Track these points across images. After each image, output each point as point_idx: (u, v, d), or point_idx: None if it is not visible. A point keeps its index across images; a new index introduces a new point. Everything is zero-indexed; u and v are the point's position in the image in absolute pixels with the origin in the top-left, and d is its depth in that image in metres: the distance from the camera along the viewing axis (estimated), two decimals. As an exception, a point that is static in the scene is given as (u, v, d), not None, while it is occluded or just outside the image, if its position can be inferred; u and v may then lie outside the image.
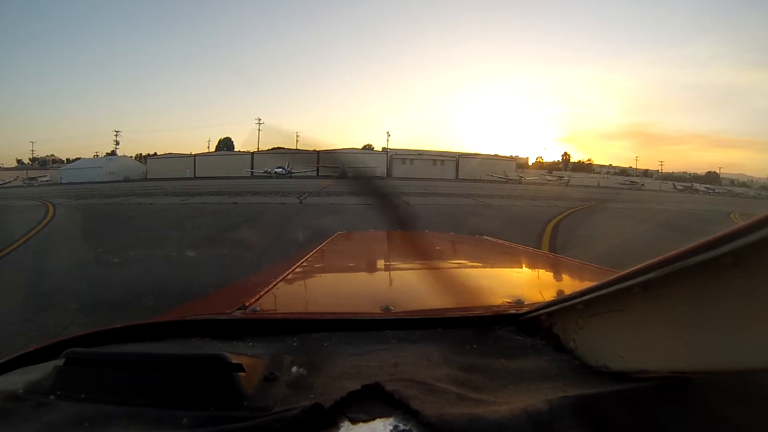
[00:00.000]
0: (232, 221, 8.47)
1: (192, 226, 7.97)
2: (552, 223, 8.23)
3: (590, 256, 1.75)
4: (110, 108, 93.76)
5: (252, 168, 40.50)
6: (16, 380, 0.47)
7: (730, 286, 0.33)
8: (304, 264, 1.22)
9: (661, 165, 58.70)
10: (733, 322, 0.33)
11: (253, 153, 46.50)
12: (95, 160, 47.89)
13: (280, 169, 35.86)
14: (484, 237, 2.20)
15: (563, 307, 0.52)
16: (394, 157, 45.58)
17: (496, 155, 51.83)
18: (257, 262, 4.45)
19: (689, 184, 47.97)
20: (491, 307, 0.69)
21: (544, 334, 0.56)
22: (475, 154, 49.00)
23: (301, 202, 12.17)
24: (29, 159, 57.28)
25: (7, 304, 3.33)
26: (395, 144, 53.55)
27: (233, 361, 0.43)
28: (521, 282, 1.20)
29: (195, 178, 37.45)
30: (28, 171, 44.77)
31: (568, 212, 10.44)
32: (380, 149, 50.98)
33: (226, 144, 55.94)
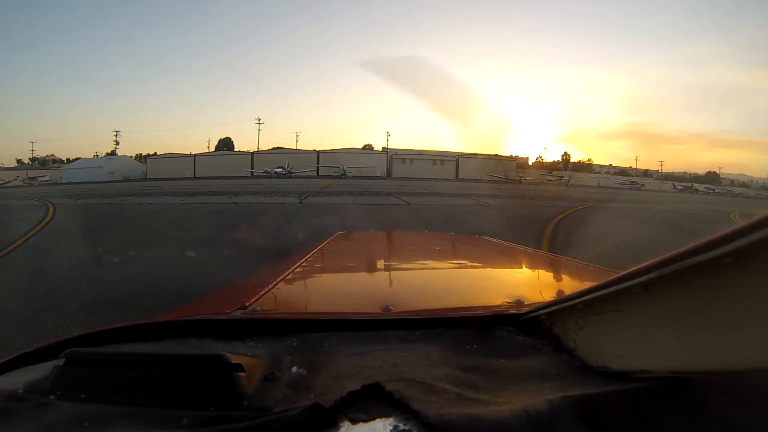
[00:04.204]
0: (231, 221, 8.47)
1: (191, 225, 7.98)
2: (552, 223, 8.23)
3: (590, 257, 1.75)
4: (110, 108, 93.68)
5: (252, 168, 40.51)
6: (16, 380, 0.47)
7: (730, 286, 0.32)
8: (304, 264, 1.22)
9: (661, 165, 58.78)
10: (733, 322, 0.33)
11: (253, 153, 46.55)
12: (95, 159, 47.88)
13: (280, 169, 35.91)
14: (484, 237, 2.19)
15: (563, 307, 0.52)
16: (394, 157, 45.59)
17: (496, 155, 51.87)
18: (256, 262, 4.45)
19: (689, 184, 47.97)
20: (491, 307, 0.69)
21: (544, 334, 0.56)
22: (475, 154, 49.03)
23: (301, 202, 12.18)
24: (29, 159, 57.29)
25: (7, 303, 3.33)
26: (395, 144, 53.63)
27: (233, 361, 0.43)
28: (521, 282, 1.20)
29: (195, 178, 37.46)
30: (28, 171, 44.77)
31: (568, 212, 10.44)
32: (380, 149, 51.05)
33: (226, 144, 55.99)
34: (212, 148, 54.98)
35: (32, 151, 57.69)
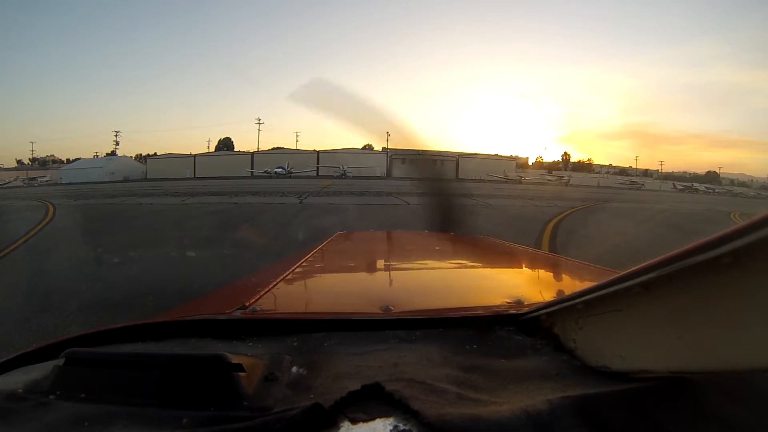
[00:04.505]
0: (231, 221, 8.47)
1: (191, 226, 7.98)
2: (552, 223, 8.23)
3: (590, 257, 1.76)
4: (110, 108, 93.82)
5: (252, 168, 40.51)
6: (16, 380, 0.47)
7: (730, 286, 0.32)
8: (304, 264, 1.21)
9: (661, 165, 58.79)
10: (733, 322, 0.33)
11: (253, 153, 46.54)
12: (95, 160, 47.86)
13: (280, 169, 35.94)
14: (484, 237, 2.19)
15: (563, 307, 0.52)
16: (394, 157, 45.53)
17: (496, 155, 51.83)
18: (256, 262, 4.45)
19: (689, 184, 47.98)
20: (491, 307, 0.69)
21: (544, 334, 0.56)
22: (475, 154, 49.00)
23: (301, 202, 12.19)
24: (29, 159, 57.36)
25: (7, 303, 3.33)
26: (395, 144, 53.44)
27: (233, 361, 0.43)
28: (521, 282, 1.19)
29: (195, 178, 37.45)
30: (28, 171, 44.80)
31: (568, 212, 10.44)
32: (380, 149, 50.99)
33: (226, 144, 55.99)
34: (212, 148, 55.09)
35: (32, 151, 57.82)
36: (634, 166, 59.46)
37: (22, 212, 10.44)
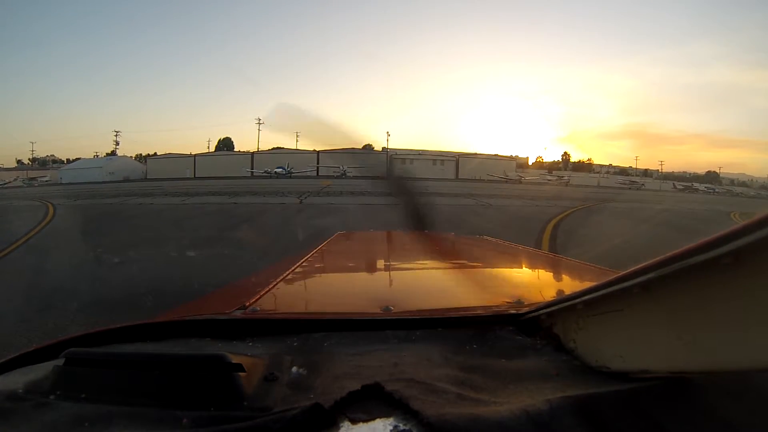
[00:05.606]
0: (231, 221, 8.47)
1: (191, 226, 7.98)
2: (552, 223, 8.23)
3: (590, 256, 1.75)
4: (110, 108, 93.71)
5: (252, 168, 40.53)
6: (16, 380, 0.47)
7: (730, 286, 0.32)
8: (304, 264, 1.21)
9: (661, 165, 58.71)
10: (733, 322, 0.33)
11: (253, 153, 46.57)
12: (95, 160, 47.86)
13: (280, 169, 35.97)
14: (484, 237, 2.20)
15: (563, 307, 0.52)
16: (394, 157, 45.52)
17: (496, 155, 51.85)
18: (255, 262, 4.45)
19: (689, 184, 47.99)
20: (491, 307, 0.69)
21: (544, 334, 0.56)
22: (475, 154, 49.03)
23: (301, 202, 12.19)
24: (29, 159, 57.31)
25: (8, 303, 3.33)
26: (395, 144, 53.48)
27: (233, 361, 0.43)
28: (521, 282, 1.19)
29: (195, 178, 37.47)
30: (28, 171, 44.82)
31: (568, 212, 10.44)
32: (380, 149, 50.99)
33: (226, 144, 55.99)
34: (212, 148, 55.08)
35: (32, 151, 57.73)
36: (634, 166, 59.45)
37: (23, 212, 10.44)
